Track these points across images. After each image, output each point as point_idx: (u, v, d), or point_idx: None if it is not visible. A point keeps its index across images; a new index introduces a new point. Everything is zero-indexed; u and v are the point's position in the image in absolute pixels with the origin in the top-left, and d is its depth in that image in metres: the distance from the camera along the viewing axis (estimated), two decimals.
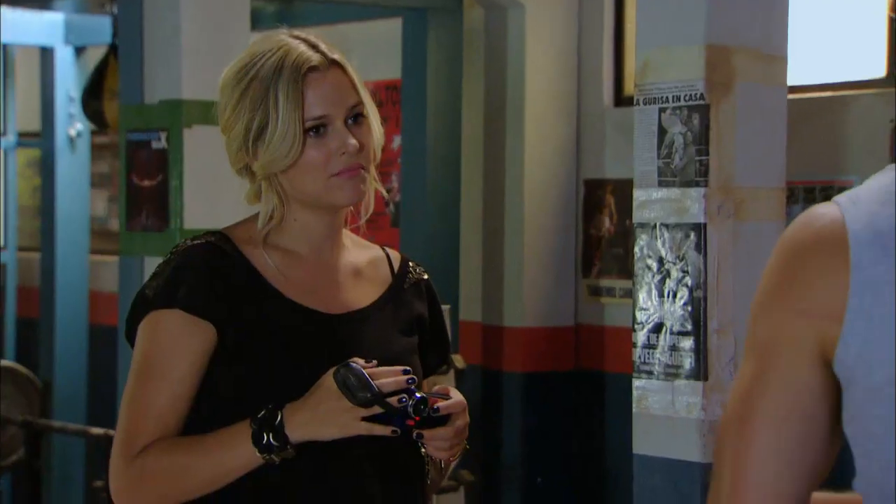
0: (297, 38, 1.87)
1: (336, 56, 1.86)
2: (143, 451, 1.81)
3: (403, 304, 1.95)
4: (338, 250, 1.92)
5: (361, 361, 1.76)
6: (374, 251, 1.98)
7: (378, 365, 1.82)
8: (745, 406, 1.18)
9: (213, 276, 1.83)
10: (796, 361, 1.16)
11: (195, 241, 1.87)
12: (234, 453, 1.77)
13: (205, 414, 1.84)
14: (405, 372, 1.77)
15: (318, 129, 1.83)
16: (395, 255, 2.00)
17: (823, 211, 1.18)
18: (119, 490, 1.84)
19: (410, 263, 2.00)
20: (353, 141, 1.84)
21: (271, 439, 1.75)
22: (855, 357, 1.13)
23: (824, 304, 1.14)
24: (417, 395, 1.75)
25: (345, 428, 1.74)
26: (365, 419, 1.74)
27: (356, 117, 1.86)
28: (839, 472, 1.25)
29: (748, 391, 1.19)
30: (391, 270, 1.97)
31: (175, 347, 1.82)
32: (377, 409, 1.73)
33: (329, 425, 1.75)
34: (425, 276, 2.01)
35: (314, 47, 1.85)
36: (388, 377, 1.75)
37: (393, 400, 1.73)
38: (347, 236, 1.95)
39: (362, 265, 1.94)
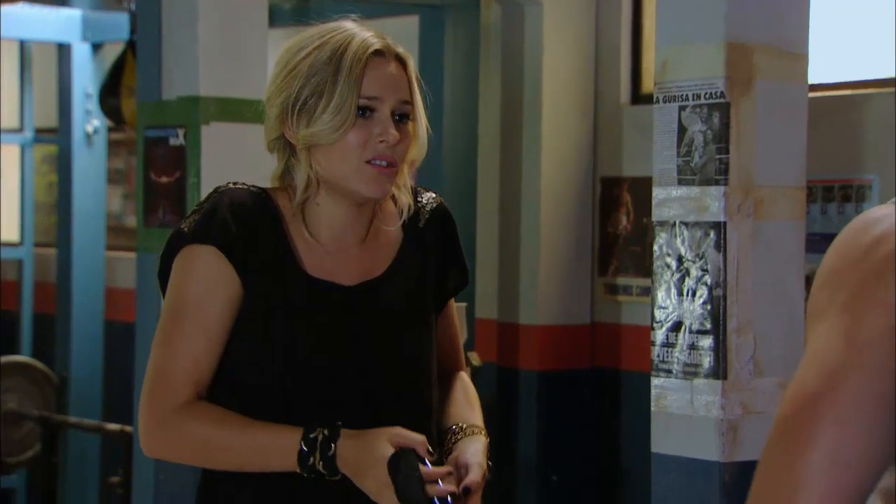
0: (365, 27, 1.88)
1: (400, 51, 1.87)
2: (184, 410, 1.79)
3: (421, 249, 1.93)
4: (362, 236, 1.90)
5: (424, 446, 1.75)
6: (390, 206, 1.94)
7: (387, 338, 1.83)
8: (819, 401, 1.15)
9: (250, 221, 1.83)
10: (880, 359, 1.14)
11: (237, 185, 1.87)
12: (278, 459, 1.77)
13: (228, 367, 1.84)
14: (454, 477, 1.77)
15: (365, 110, 1.83)
16: (403, 199, 1.94)
17: (886, 212, 1.18)
18: (151, 440, 1.83)
19: (420, 199, 1.96)
20: (394, 132, 1.83)
21: (319, 466, 1.76)
22: None
23: None
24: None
25: (378, 497, 1.76)
26: None
27: (402, 117, 1.85)
28: None
29: (818, 388, 1.15)
30: (402, 222, 1.94)
31: (211, 285, 1.81)
32: None
33: (367, 486, 1.76)
34: (437, 203, 1.97)
35: (381, 37, 1.87)
36: (438, 482, 1.74)
37: None
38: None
39: (380, 230, 1.92)
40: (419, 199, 1.96)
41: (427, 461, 1.75)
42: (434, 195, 1.98)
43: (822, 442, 1.13)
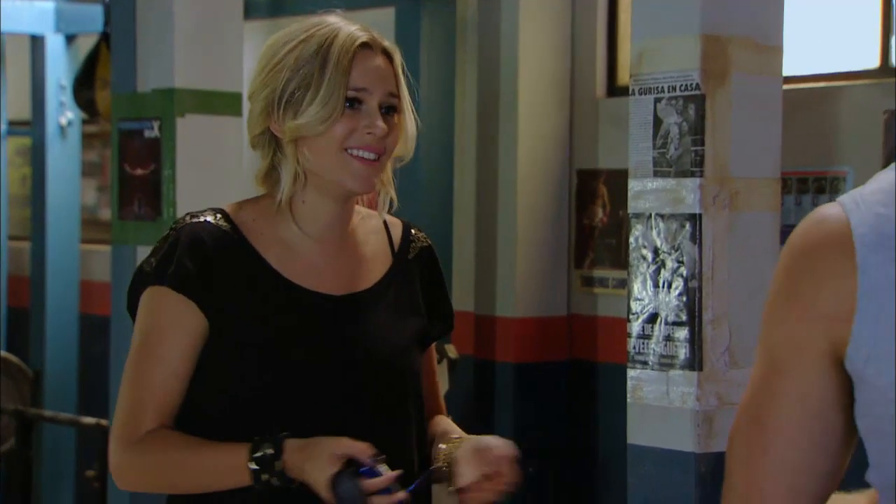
0: (350, 21, 1.88)
1: (387, 44, 1.88)
2: (146, 438, 1.82)
3: (408, 279, 1.94)
4: (344, 235, 1.91)
5: (367, 454, 1.74)
6: (374, 222, 1.96)
7: (380, 354, 1.83)
8: (757, 414, 1.16)
9: (207, 256, 1.82)
10: (809, 367, 1.15)
11: (195, 219, 1.86)
12: (231, 478, 1.78)
13: (202, 396, 1.84)
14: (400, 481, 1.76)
15: (353, 102, 1.83)
16: (396, 225, 1.98)
17: (828, 213, 1.17)
18: (118, 470, 1.86)
19: (412, 231, 1.99)
20: (381, 124, 1.83)
21: (273, 481, 1.76)
22: (865, 358, 1.13)
23: (833, 307, 1.14)
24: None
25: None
26: None
27: (388, 109, 1.86)
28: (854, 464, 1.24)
29: (760, 399, 1.17)
30: (391, 245, 1.95)
31: (171, 325, 1.82)
32: None
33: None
34: (427, 243, 2.00)
35: (367, 31, 1.87)
36: (383, 497, 1.73)
37: None
38: (356, 209, 1.95)
39: (365, 242, 1.93)
40: (411, 233, 1.98)
41: (375, 468, 1.73)
42: (425, 236, 2.01)
43: (763, 472, 1.14)
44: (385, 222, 1.97)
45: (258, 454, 1.76)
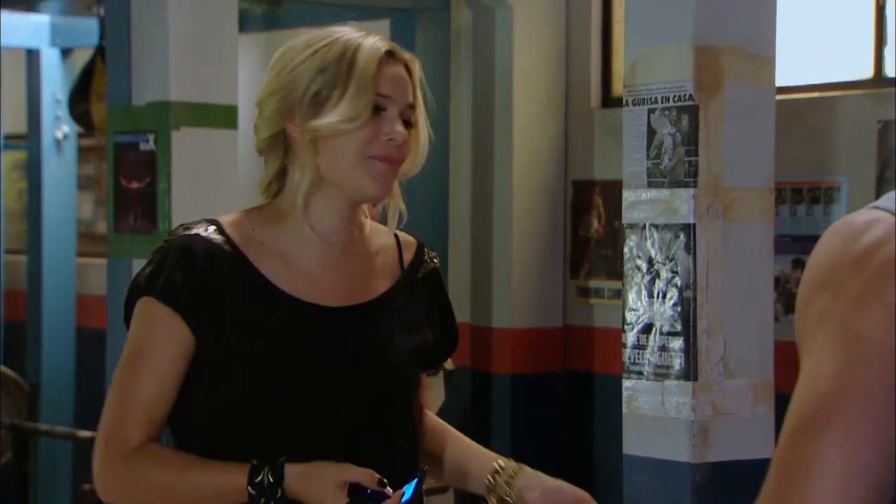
0: (370, 32, 1.88)
1: (407, 57, 1.87)
2: (135, 453, 1.80)
3: (415, 296, 1.93)
4: (349, 243, 1.89)
5: (373, 480, 1.74)
6: (386, 238, 1.94)
7: (376, 368, 1.83)
8: (830, 403, 1.12)
9: (197, 268, 1.82)
10: (889, 350, 1.12)
11: (188, 231, 1.86)
12: (228, 501, 1.77)
13: (192, 407, 1.83)
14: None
15: (377, 108, 1.82)
16: (408, 242, 1.97)
17: (876, 217, 1.16)
18: (105, 484, 1.85)
19: (426, 250, 1.98)
20: (402, 130, 1.82)
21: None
22: None
23: None
24: None
25: None
26: None
27: (406, 122, 1.85)
28: None
29: (837, 392, 1.12)
30: (400, 260, 1.94)
31: (159, 337, 1.82)
32: None
33: None
34: (436, 266, 1.99)
35: (388, 42, 1.87)
36: None
37: None
38: (365, 222, 1.94)
39: (374, 254, 1.92)
40: (424, 252, 1.98)
41: (382, 491, 1.73)
42: (436, 256, 2.01)
43: (828, 471, 1.09)
44: (398, 238, 1.95)
45: (258, 479, 1.75)
